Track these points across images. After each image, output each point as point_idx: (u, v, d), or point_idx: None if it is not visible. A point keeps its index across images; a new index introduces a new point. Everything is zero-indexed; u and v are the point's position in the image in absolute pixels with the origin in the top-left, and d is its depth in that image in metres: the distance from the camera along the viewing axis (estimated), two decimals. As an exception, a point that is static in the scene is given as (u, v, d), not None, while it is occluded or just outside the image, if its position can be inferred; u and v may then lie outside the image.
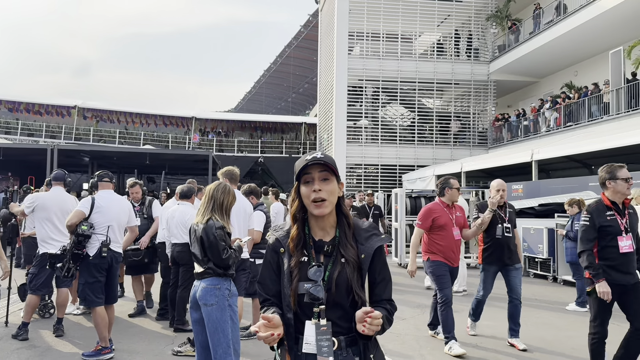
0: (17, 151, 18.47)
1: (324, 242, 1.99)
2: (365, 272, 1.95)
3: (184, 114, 32.19)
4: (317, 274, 1.88)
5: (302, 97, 52.44)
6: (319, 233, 2.01)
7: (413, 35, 24.93)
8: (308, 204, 1.96)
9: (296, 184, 2.01)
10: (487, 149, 23.52)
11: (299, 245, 1.99)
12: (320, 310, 1.87)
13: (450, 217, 5.75)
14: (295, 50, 41.12)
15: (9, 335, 5.86)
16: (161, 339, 5.94)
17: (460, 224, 5.89)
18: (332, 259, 1.95)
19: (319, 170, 1.95)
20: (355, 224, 2.05)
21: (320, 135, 28.33)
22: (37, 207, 5.81)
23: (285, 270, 1.96)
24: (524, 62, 21.61)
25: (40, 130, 28.67)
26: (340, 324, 1.91)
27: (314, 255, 1.96)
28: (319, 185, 1.93)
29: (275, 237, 2.06)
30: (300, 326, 1.91)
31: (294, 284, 1.92)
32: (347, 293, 1.91)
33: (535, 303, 8.38)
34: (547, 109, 19.94)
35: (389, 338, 5.99)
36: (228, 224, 3.86)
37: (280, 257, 2.00)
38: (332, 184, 1.97)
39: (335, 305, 1.90)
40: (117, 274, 5.42)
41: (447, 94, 24.85)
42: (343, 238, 1.98)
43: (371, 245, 1.97)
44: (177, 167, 23.02)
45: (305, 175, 1.96)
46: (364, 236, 2.00)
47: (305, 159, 1.95)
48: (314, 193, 1.93)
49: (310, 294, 1.86)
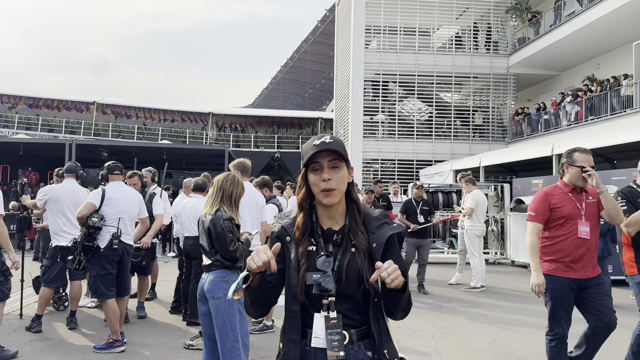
0: (36, 146, 18.67)
1: (333, 230, 1.88)
2: (377, 261, 1.82)
3: (202, 109, 32.30)
4: (326, 264, 1.77)
5: (319, 93, 52.30)
6: (328, 222, 1.91)
7: (431, 29, 24.61)
8: (316, 193, 1.85)
9: (303, 170, 1.90)
10: (507, 143, 23.15)
11: (306, 233, 1.88)
12: (330, 302, 1.77)
13: (577, 206, 3.88)
14: (312, 45, 40.96)
15: (22, 327, 5.88)
16: (173, 332, 5.90)
17: (594, 214, 3.90)
18: (341, 248, 1.85)
19: (329, 159, 1.84)
20: (366, 212, 1.94)
21: (336, 130, 28.19)
22: (49, 199, 5.80)
23: (293, 259, 1.85)
24: (544, 55, 21.18)
25: (60, 125, 28.99)
26: (351, 316, 1.80)
27: (322, 245, 1.86)
28: (329, 173, 1.82)
29: (280, 225, 1.95)
30: (308, 319, 1.81)
31: (302, 273, 1.82)
32: (358, 283, 1.80)
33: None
34: (568, 103, 19.54)
35: (405, 334, 5.87)
36: (237, 215, 3.77)
37: (286, 246, 1.90)
38: (342, 171, 1.85)
39: (345, 296, 1.80)
40: (129, 266, 5.39)
41: (466, 88, 24.49)
42: (353, 225, 1.88)
43: (383, 234, 1.86)
44: (194, 162, 23.10)
45: (313, 163, 1.85)
46: (375, 224, 1.89)
47: (314, 144, 1.83)
48: (323, 183, 1.82)
49: (319, 284, 1.75)
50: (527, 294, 8.46)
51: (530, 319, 6.76)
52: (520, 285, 9.37)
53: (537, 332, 6.00)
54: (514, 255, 12.07)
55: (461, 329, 6.24)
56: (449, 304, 7.73)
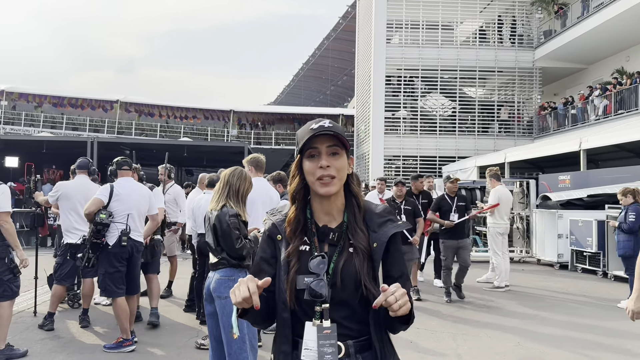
0: (59, 144, 18.82)
1: (330, 228, 1.66)
2: (378, 263, 1.62)
3: (223, 107, 32.36)
4: (320, 266, 1.56)
5: (341, 90, 51.96)
6: (324, 218, 1.69)
7: (454, 23, 24.17)
8: (312, 182, 1.63)
9: (298, 157, 1.68)
10: (533, 138, 22.62)
11: (298, 230, 1.67)
12: (324, 310, 1.56)
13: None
14: (333, 42, 40.65)
15: (35, 325, 5.82)
16: (186, 331, 5.77)
17: None
18: (338, 248, 1.63)
19: (328, 145, 1.62)
20: (367, 207, 1.71)
21: (357, 127, 27.93)
22: (61, 196, 5.72)
23: (282, 260, 1.64)
24: (571, 48, 20.59)
25: (84, 124, 29.32)
26: (347, 325, 1.59)
27: (316, 244, 1.64)
28: (327, 160, 1.61)
29: (271, 221, 1.74)
30: (299, 328, 1.60)
31: (292, 276, 1.60)
32: (355, 288, 1.59)
33: (584, 300, 7.85)
34: (596, 96, 18.96)
35: (424, 335, 5.64)
36: (244, 211, 3.59)
37: (277, 246, 1.69)
38: (342, 159, 1.64)
39: (341, 303, 1.59)
40: (139, 263, 5.27)
41: (490, 83, 24.01)
42: (352, 222, 1.66)
43: (385, 233, 1.64)
44: (215, 159, 23.12)
45: (310, 149, 1.63)
46: (376, 222, 1.67)
47: (311, 127, 1.62)
48: (320, 170, 1.60)
49: (311, 289, 1.53)
50: (554, 295, 8.16)
51: (556, 321, 6.47)
52: (546, 285, 9.03)
53: (563, 335, 5.73)
54: (539, 254, 11.70)
55: (483, 330, 5.98)
56: (471, 304, 7.46)
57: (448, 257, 7.68)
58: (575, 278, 9.82)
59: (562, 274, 10.29)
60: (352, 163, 1.72)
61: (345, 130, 24.43)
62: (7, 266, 4.62)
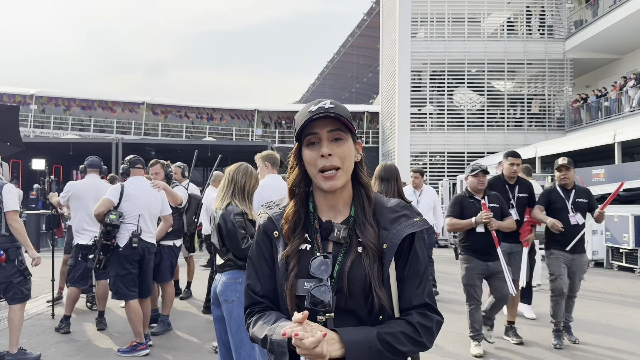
0: (85, 146, 19.08)
1: (335, 224, 1.44)
2: (388, 267, 1.38)
3: (247, 106, 32.37)
4: (323, 268, 1.35)
5: (366, 87, 51.57)
6: (328, 212, 1.47)
7: (481, 16, 23.60)
8: (314, 175, 1.42)
9: (296, 145, 1.46)
10: (565, 132, 21.92)
11: (298, 227, 1.44)
12: (327, 320, 1.34)
13: None
14: (358, 39, 40.32)
15: (52, 328, 5.74)
16: (202, 334, 5.60)
17: None
18: (344, 248, 1.40)
19: (329, 129, 1.40)
20: (378, 200, 1.48)
21: (382, 124, 27.57)
22: (72, 196, 5.63)
23: (280, 261, 1.42)
24: (603, 38, 19.84)
25: (112, 126, 29.69)
26: None
27: (319, 243, 1.42)
28: (329, 147, 1.39)
29: (267, 215, 1.51)
30: None
31: (290, 280, 1.39)
32: (364, 295, 1.36)
33: (620, 299, 7.43)
34: (630, 87, 18.23)
35: (450, 339, 5.35)
36: (250, 209, 3.39)
37: (274, 244, 1.47)
38: (347, 145, 1.42)
39: (347, 312, 1.37)
40: (151, 265, 5.11)
41: (520, 75, 23.38)
42: (360, 217, 1.43)
43: (397, 232, 1.40)
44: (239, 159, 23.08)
45: (309, 136, 1.41)
46: (388, 218, 1.43)
47: (309, 110, 1.39)
48: (322, 159, 1.38)
49: (313, 296, 1.32)
50: (588, 294, 7.74)
51: (591, 323, 6.10)
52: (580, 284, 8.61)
53: (597, 340, 5.38)
54: (573, 251, 11.24)
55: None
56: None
57: (561, 274, 5.09)
58: (611, 276, 9.36)
59: (597, 272, 9.82)
60: (359, 148, 1.49)
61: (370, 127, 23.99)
62: (17, 268, 4.53)
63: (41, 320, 6.14)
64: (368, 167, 1.56)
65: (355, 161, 1.46)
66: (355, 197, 1.47)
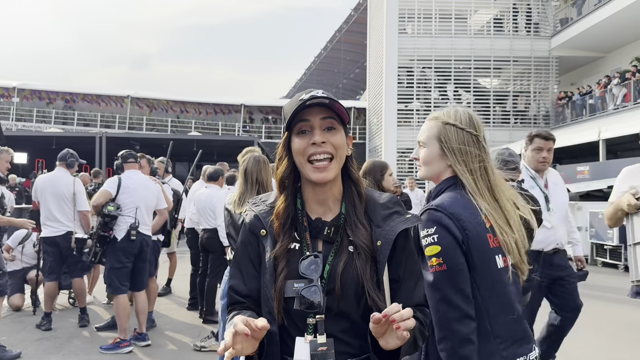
0: (69, 140, 18.83)
1: (324, 222, 1.37)
2: (383, 265, 1.32)
3: (234, 101, 32.16)
4: (313, 268, 1.29)
5: (353, 83, 51.57)
6: (317, 209, 1.39)
7: (468, 13, 23.66)
8: (302, 164, 1.34)
9: (285, 134, 1.38)
10: (550, 129, 22.08)
11: (287, 224, 1.37)
12: (318, 322, 1.28)
13: None
14: (345, 34, 40.24)
15: (33, 324, 5.63)
16: (187, 330, 5.54)
17: None
18: (335, 246, 1.34)
19: (322, 117, 1.33)
20: (370, 196, 1.42)
21: (369, 120, 27.57)
22: (36, 189, 5.54)
23: (268, 262, 1.35)
24: (588, 36, 20.02)
25: (95, 120, 29.33)
26: (347, 341, 1.31)
27: (308, 241, 1.35)
28: (322, 136, 1.31)
29: (254, 213, 1.43)
30: (289, 344, 1.32)
31: (279, 282, 1.32)
32: (356, 296, 1.30)
33: (605, 295, 7.49)
34: (614, 85, 18.42)
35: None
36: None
37: (261, 242, 1.39)
38: (340, 135, 1.34)
39: (339, 314, 1.30)
40: (148, 258, 5.06)
41: (506, 73, 23.51)
42: (352, 214, 1.36)
43: (391, 229, 1.34)
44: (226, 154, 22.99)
45: (300, 123, 1.34)
46: (381, 214, 1.37)
47: (300, 98, 1.32)
48: (313, 147, 1.31)
49: (303, 297, 1.26)
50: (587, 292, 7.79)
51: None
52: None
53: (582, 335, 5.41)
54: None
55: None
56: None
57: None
58: (595, 272, 9.43)
59: (582, 269, 9.90)
60: (350, 142, 1.42)
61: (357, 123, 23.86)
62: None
63: (22, 317, 6.03)
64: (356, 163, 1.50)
65: (347, 155, 1.40)
66: (345, 194, 1.41)
